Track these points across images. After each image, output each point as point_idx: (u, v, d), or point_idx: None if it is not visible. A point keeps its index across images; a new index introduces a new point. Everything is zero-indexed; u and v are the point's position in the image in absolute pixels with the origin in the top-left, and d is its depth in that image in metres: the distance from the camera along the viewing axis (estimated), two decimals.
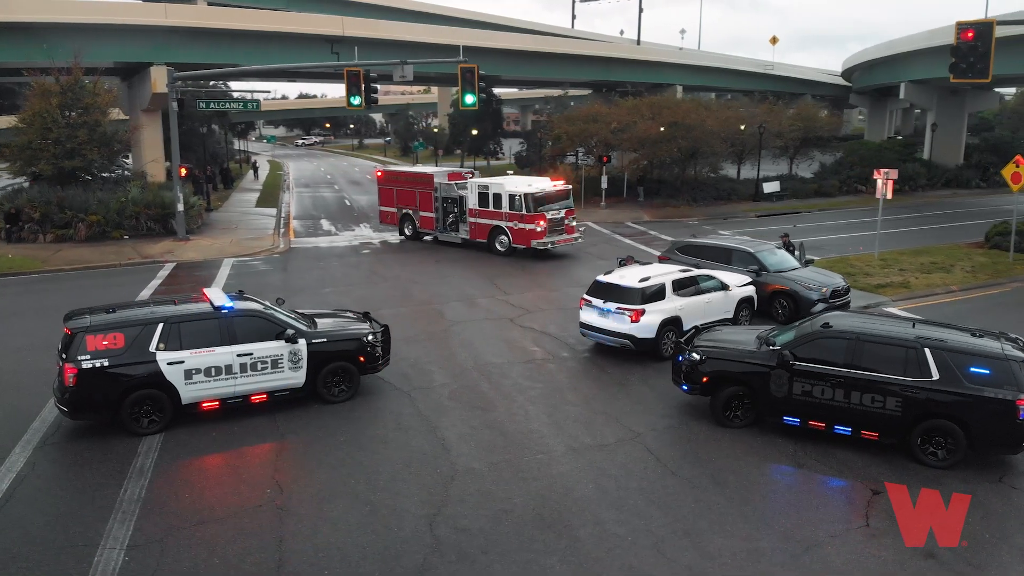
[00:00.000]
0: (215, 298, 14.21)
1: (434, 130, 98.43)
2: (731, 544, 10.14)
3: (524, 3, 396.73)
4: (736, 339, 14.61)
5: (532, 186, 29.61)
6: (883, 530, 10.37)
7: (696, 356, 13.94)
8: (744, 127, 49.62)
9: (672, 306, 17.32)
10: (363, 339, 14.85)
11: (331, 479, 11.83)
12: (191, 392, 13.41)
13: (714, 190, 47.96)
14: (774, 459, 12.62)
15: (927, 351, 12.26)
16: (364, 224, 40.39)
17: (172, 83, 30.44)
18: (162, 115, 43.64)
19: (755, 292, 19.72)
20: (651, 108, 47.63)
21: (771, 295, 20.26)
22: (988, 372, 11.92)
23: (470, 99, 26.90)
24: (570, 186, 31.62)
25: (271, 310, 14.56)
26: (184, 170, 33.88)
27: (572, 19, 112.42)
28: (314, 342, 14.31)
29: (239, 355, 13.65)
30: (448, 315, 21.22)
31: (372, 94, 27.32)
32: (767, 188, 48.23)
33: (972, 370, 11.99)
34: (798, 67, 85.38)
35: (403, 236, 34.39)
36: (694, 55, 75.11)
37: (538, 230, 28.77)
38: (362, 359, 14.80)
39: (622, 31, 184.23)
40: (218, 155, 63.12)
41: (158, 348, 13.14)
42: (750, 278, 20.08)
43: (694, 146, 46.00)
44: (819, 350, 12.99)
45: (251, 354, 13.74)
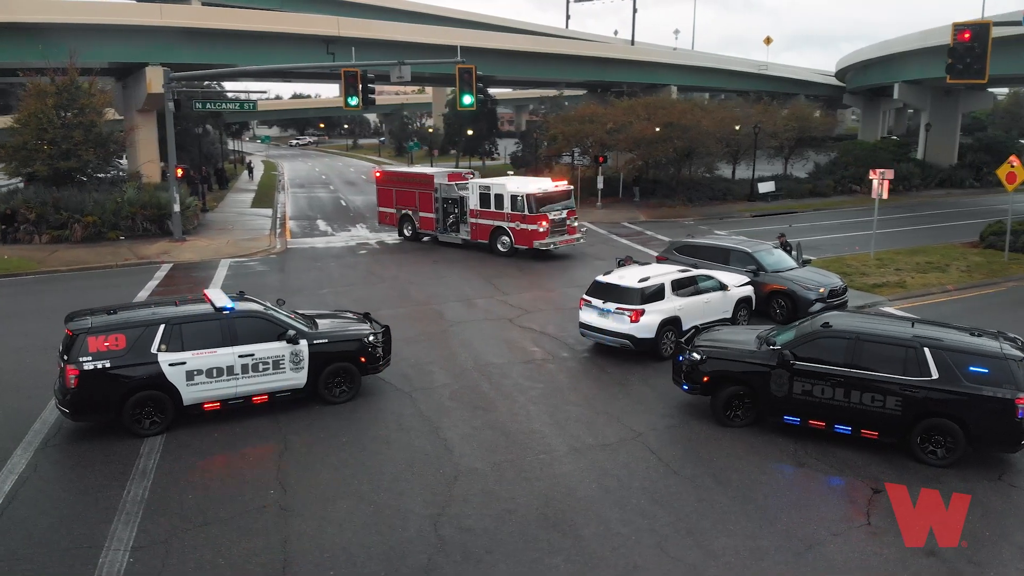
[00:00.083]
0: (216, 299, 14.20)
1: (429, 130, 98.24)
2: (734, 542, 10.20)
3: (517, 3, 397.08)
4: (736, 339, 14.68)
5: (534, 186, 29.53)
6: (884, 528, 10.44)
7: (697, 356, 14.00)
8: (739, 127, 49.76)
9: (671, 306, 17.38)
10: (364, 340, 14.87)
11: (334, 480, 11.85)
12: (193, 393, 13.40)
13: (709, 190, 48.11)
14: (775, 458, 12.69)
15: (926, 350, 12.34)
16: (360, 224, 40.37)
17: (168, 84, 30.39)
18: (157, 116, 43.57)
19: (753, 292, 19.80)
20: (647, 108, 47.73)
21: (769, 295, 20.36)
22: (987, 371, 12.00)
23: (468, 100, 26.91)
24: (572, 186, 31.56)
25: (272, 311, 14.57)
26: (180, 171, 33.81)
27: (566, 19, 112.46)
28: (315, 343, 14.32)
29: (241, 356, 13.65)
30: (447, 315, 21.25)
31: (370, 95, 27.33)
32: (762, 188, 48.44)
33: (971, 369, 12.08)
34: (792, 67, 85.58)
35: (402, 237, 34.33)
36: (688, 55, 75.18)
37: (540, 230, 28.73)
38: (363, 360, 14.82)
39: (616, 31, 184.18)
40: (212, 155, 62.94)
41: (160, 349, 13.12)
42: (748, 278, 20.16)
43: (690, 146, 46.15)
44: (819, 350, 13.07)
45: (253, 355, 13.75)
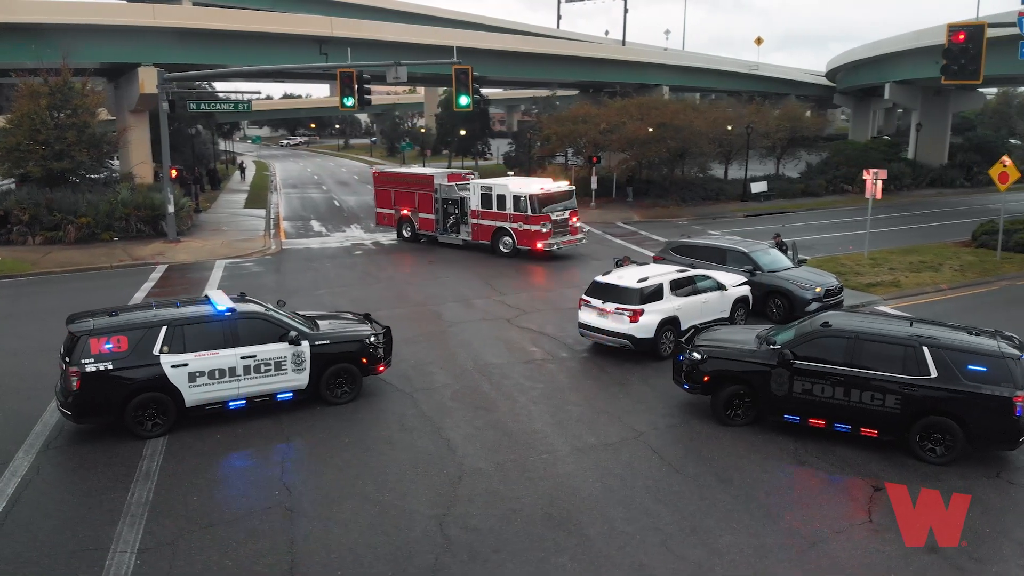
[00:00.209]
0: (218, 300, 14.20)
1: (421, 130, 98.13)
2: (738, 540, 10.29)
3: (508, 2, 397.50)
4: (736, 338, 14.77)
5: (537, 187, 29.51)
6: (886, 526, 10.53)
7: (697, 355, 14.08)
8: (732, 128, 49.96)
9: (670, 306, 17.47)
10: (365, 341, 14.89)
11: (338, 480, 11.87)
12: (195, 395, 13.39)
13: (702, 190, 48.28)
14: (776, 456, 12.79)
15: (925, 349, 12.45)
16: (355, 225, 40.33)
17: (163, 84, 30.29)
18: (149, 116, 43.38)
19: (750, 292, 19.91)
20: (640, 109, 47.86)
21: (766, 294, 20.47)
22: (985, 369, 12.13)
23: (464, 100, 26.93)
24: (573, 187, 31.51)
25: (273, 312, 14.58)
26: (175, 171, 33.70)
27: (558, 19, 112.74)
28: (317, 344, 14.33)
29: (243, 357, 13.65)
30: (445, 316, 21.28)
31: (365, 95, 27.33)
32: (755, 188, 48.63)
33: (970, 368, 12.20)
34: (782, 67, 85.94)
35: (402, 238, 34.18)
36: (680, 56, 75.38)
37: (543, 231, 28.73)
38: (364, 361, 14.84)
39: (607, 31, 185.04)
40: (204, 156, 62.72)
41: (162, 351, 13.11)
42: (745, 278, 20.28)
43: (683, 147, 46.32)
44: (819, 349, 13.17)
45: (255, 356, 13.76)
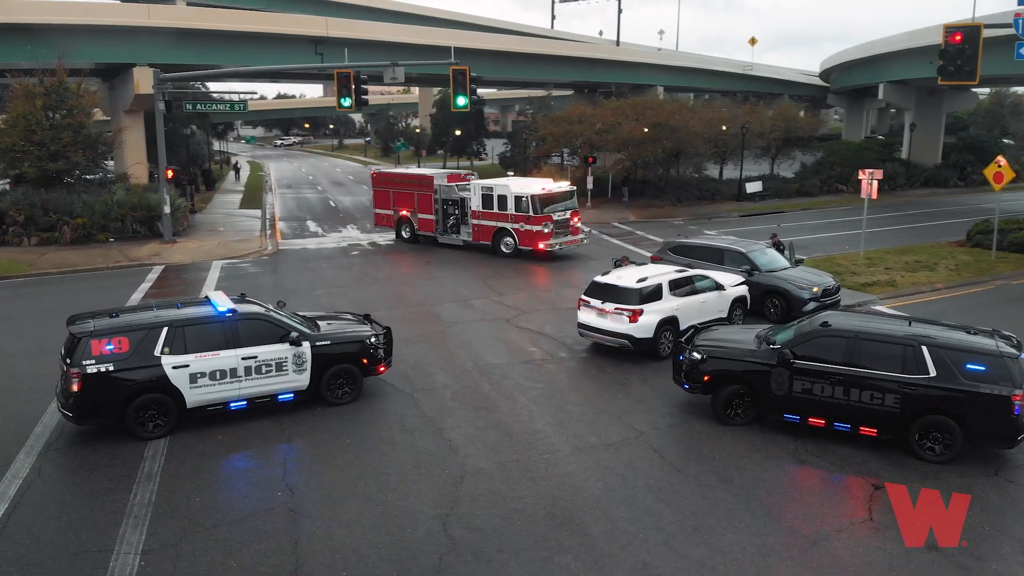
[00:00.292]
0: (218, 301, 14.20)
1: (416, 131, 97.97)
2: (741, 539, 10.35)
3: (501, 2, 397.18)
4: (735, 338, 14.83)
5: (538, 187, 29.51)
6: (887, 524, 10.59)
7: (697, 355, 14.14)
8: (727, 128, 50.10)
9: (669, 306, 17.54)
10: (366, 341, 14.91)
11: (341, 481, 11.89)
12: (196, 396, 13.39)
13: (698, 190, 48.41)
14: (776, 456, 12.85)
15: (924, 348, 12.53)
16: (351, 225, 40.31)
17: (159, 84, 30.22)
18: (144, 117, 43.27)
19: (748, 291, 19.99)
20: (635, 109, 47.96)
21: (764, 294, 20.55)
22: (984, 368, 12.21)
23: (462, 101, 26.89)
24: (575, 187, 31.52)
25: (274, 313, 14.58)
26: (171, 172, 33.63)
27: (552, 19, 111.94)
28: (318, 344, 14.34)
29: (244, 358, 13.65)
30: (444, 316, 21.30)
31: (363, 95, 27.32)
32: (750, 188, 48.82)
33: (968, 367, 12.28)
34: (776, 67, 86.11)
35: (401, 239, 34.07)
36: (674, 56, 75.51)
37: (545, 231, 28.75)
38: (365, 361, 14.86)
39: (601, 31, 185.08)
40: (199, 156, 62.58)
41: (163, 352, 13.11)
42: (743, 278, 20.36)
43: (678, 147, 46.42)
44: (818, 348, 13.23)
45: (256, 357, 13.76)
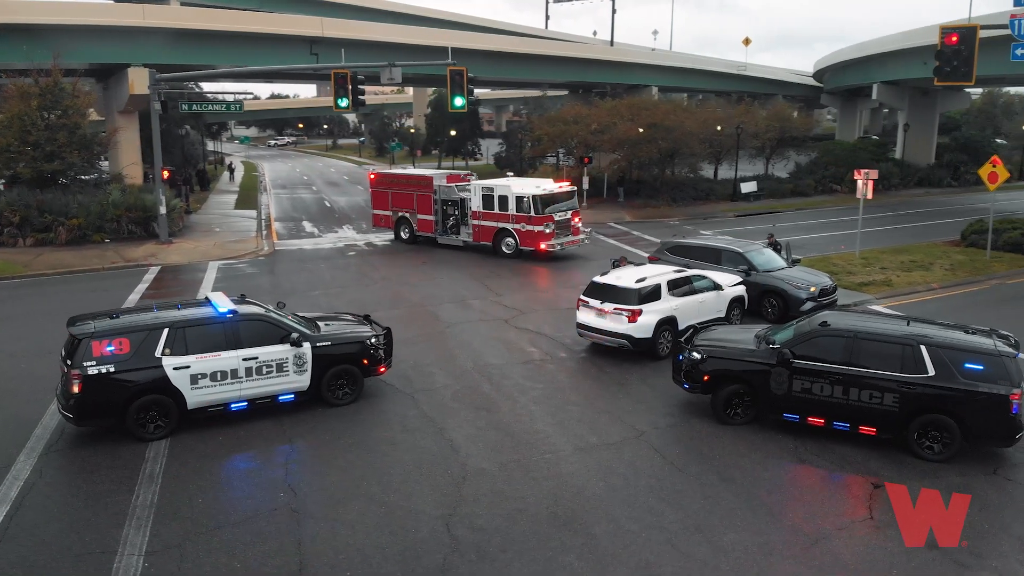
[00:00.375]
0: (219, 302, 14.19)
1: (410, 131, 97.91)
2: (742, 538, 10.40)
3: (494, 2, 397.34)
4: (735, 338, 14.90)
5: (539, 187, 29.49)
6: (887, 522, 10.65)
7: (697, 355, 14.20)
8: (721, 128, 50.24)
9: (668, 306, 17.60)
10: (366, 342, 14.92)
11: (343, 481, 11.90)
12: (197, 397, 13.39)
13: (693, 190, 48.51)
14: (776, 455, 12.92)
15: (923, 348, 12.61)
16: (347, 226, 40.28)
17: (155, 85, 30.16)
18: (139, 117, 43.14)
19: (746, 291, 20.06)
20: (630, 109, 48.04)
21: (761, 294, 20.63)
22: (982, 368, 12.30)
23: (460, 101, 26.90)
24: (575, 188, 31.51)
25: (274, 314, 14.58)
26: (167, 172, 33.55)
27: (546, 20, 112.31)
28: (319, 345, 14.35)
29: (244, 359, 13.66)
30: (443, 317, 21.31)
31: (359, 96, 27.31)
32: (744, 188, 48.97)
33: (967, 366, 12.37)
34: (770, 68, 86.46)
35: (399, 240, 33.94)
36: (668, 56, 75.66)
37: (547, 232, 28.76)
38: (365, 362, 14.87)
39: (595, 32, 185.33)
40: (193, 157, 62.43)
41: (164, 353, 13.10)
42: (741, 278, 20.44)
43: (673, 147, 46.56)
44: (818, 348, 13.30)
45: (256, 358, 13.76)
